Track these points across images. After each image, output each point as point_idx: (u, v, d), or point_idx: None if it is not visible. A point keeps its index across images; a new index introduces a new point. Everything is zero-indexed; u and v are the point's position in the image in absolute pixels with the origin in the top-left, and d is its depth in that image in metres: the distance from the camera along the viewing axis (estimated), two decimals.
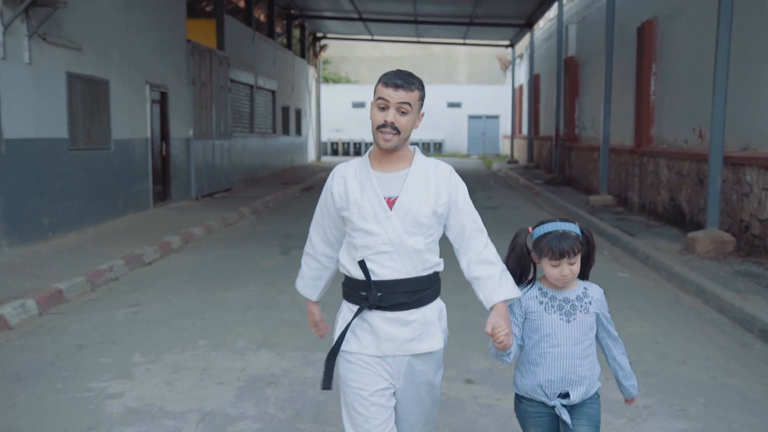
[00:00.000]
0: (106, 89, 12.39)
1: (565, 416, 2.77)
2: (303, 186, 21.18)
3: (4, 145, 9.38)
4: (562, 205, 16.02)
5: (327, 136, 42.82)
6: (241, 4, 23.04)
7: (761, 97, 9.41)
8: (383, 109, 2.74)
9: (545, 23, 27.64)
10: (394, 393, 2.85)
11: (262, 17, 25.84)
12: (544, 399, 2.82)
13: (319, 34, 36.44)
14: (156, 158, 14.83)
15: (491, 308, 2.79)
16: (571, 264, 2.76)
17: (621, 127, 15.85)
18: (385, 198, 2.77)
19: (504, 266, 2.85)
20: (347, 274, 2.87)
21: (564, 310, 2.81)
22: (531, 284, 2.90)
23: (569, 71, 21.73)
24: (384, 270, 2.75)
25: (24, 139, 9.84)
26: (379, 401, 2.77)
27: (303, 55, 32.86)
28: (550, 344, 2.79)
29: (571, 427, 2.80)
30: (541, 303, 2.83)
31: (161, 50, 14.96)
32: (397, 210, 2.75)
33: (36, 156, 10.15)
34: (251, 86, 22.67)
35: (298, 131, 30.95)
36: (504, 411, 4.47)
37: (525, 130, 33.04)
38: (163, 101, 15.12)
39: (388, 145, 2.73)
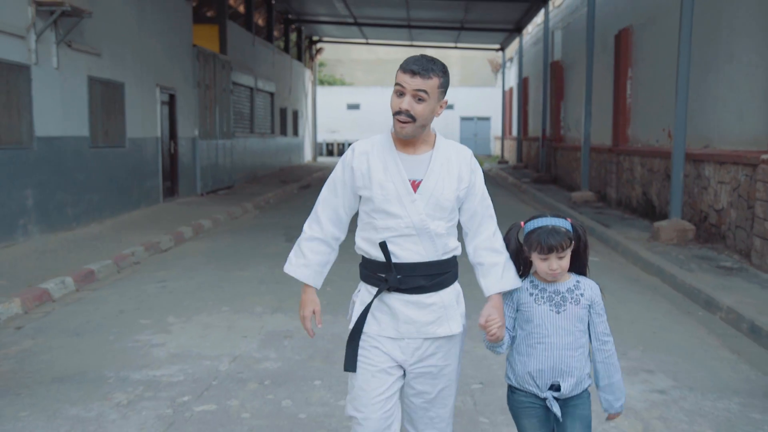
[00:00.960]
0: (122, 91, 13.40)
1: (556, 408, 2.80)
2: (301, 184, 22.20)
3: (35, 142, 10.39)
4: (546, 201, 17.08)
5: (322, 137, 43.90)
6: (241, 9, 24.07)
7: (719, 101, 10.46)
8: (400, 95, 2.70)
9: (533, 28, 28.71)
10: (409, 382, 2.88)
11: (260, 21, 26.89)
12: (535, 390, 2.85)
13: (315, 38, 37.53)
14: (165, 156, 15.85)
15: (487, 298, 2.85)
16: (560, 258, 2.79)
17: (601, 128, 16.93)
18: (410, 180, 2.75)
19: (509, 256, 2.90)
20: (365, 255, 2.85)
21: (554, 302, 2.84)
22: (524, 277, 2.94)
23: (555, 75, 22.80)
24: (405, 252, 2.75)
25: (52, 137, 10.85)
26: (384, 377, 2.79)
27: (300, 58, 33.91)
28: (540, 335, 2.83)
29: (562, 423, 2.84)
30: (531, 294, 2.87)
31: (170, 54, 15.98)
32: (422, 193, 2.74)
33: (62, 153, 11.16)
34: (251, 88, 23.70)
35: (295, 132, 31.99)
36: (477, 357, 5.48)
37: (515, 132, 34.13)
38: (171, 103, 16.14)
39: (403, 132, 2.70)
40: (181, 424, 4.26)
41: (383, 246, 2.74)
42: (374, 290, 2.80)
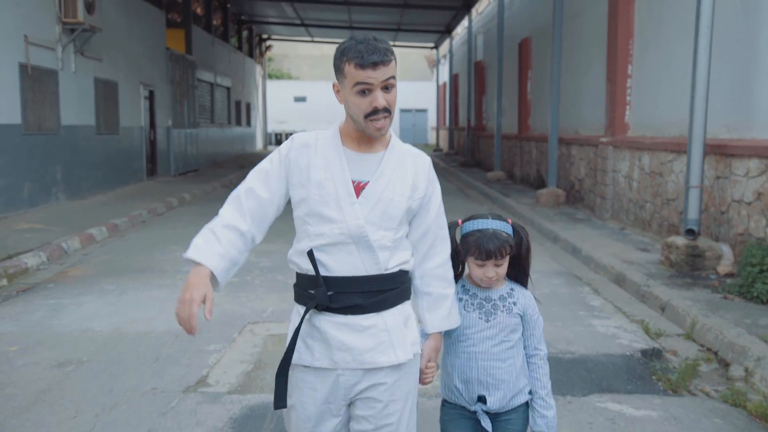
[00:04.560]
0: (116, 89, 16.42)
1: (485, 423, 2.62)
2: None
3: (62, 130, 13.43)
4: (466, 180, 20.60)
5: (272, 127, 47.03)
6: (199, 11, 27.03)
7: (583, 99, 13.99)
8: (367, 92, 2.26)
9: (462, 30, 32.21)
10: (349, 415, 2.45)
11: (217, 21, 29.87)
12: (464, 402, 2.68)
13: (265, 36, 40.57)
14: (146, 143, 18.88)
15: (428, 335, 2.56)
16: (497, 266, 2.60)
17: (510, 119, 20.50)
18: (354, 182, 2.34)
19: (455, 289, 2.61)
20: (297, 270, 2.43)
21: (484, 309, 2.65)
22: (458, 280, 2.70)
23: (478, 73, 26.36)
24: (338, 264, 2.33)
25: (72, 126, 13.89)
26: (328, 426, 2.41)
27: (251, 55, 36.93)
28: (467, 343, 2.64)
29: None
30: (461, 300, 2.67)
31: (149, 57, 19.00)
32: (366, 197, 2.33)
33: (78, 138, 14.20)
34: (212, 84, 26.75)
35: (248, 123, 35.08)
36: None
37: (448, 122, 37.70)
38: (151, 98, 19.18)
39: (382, 132, 2.31)
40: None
41: (310, 255, 2.33)
42: (303, 310, 2.37)
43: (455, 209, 6.94)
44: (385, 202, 2.34)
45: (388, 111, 2.29)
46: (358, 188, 2.34)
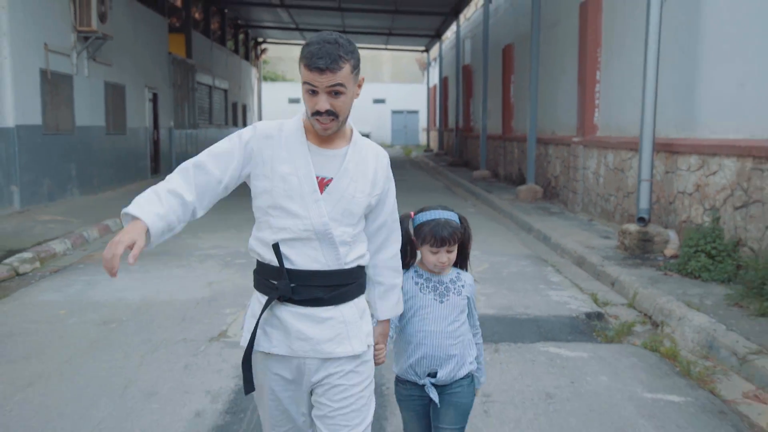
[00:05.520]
0: (123, 92, 17.48)
1: (434, 395, 2.84)
2: None
3: (76, 130, 14.49)
4: (454, 178, 21.71)
5: None
6: (197, 16, 28.05)
7: (559, 101, 15.10)
8: (313, 93, 2.29)
9: (451, 34, 33.31)
10: (311, 403, 2.56)
11: (214, 25, 30.92)
12: (415, 378, 2.89)
13: (260, 39, 41.66)
14: (150, 142, 19.94)
15: (378, 321, 2.69)
16: (449, 252, 2.82)
17: (495, 121, 21.62)
18: (318, 177, 2.39)
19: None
20: (258, 258, 2.49)
21: (438, 291, 2.87)
22: (408, 268, 2.91)
23: (465, 76, 27.48)
24: (301, 258, 2.40)
25: (85, 126, 14.94)
26: (290, 411, 2.57)
27: (247, 58, 38.02)
28: (423, 323, 2.85)
29: (437, 409, 2.89)
30: (417, 284, 2.88)
31: (154, 61, 20.06)
32: (330, 193, 2.39)
33: (90, 138, 15.25)
34: (210, 86, 27.83)
35: (244, 123, 36.17)
36: None
37: (438, 124, 38.81)
38: (155, 100, 20.24)
39: (328, 132, 2.35)
40: (230, 266, 8.60)
41: (275, 248, 2.38)
42: (264, 299, 2.46)
43: (440, 206, 7.97)
44: (347, 199, 2.41)
45: (333, 114, 2.31)
46: (322, 184, 2.40)
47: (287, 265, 2.40)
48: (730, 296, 6.51)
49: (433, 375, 2.86)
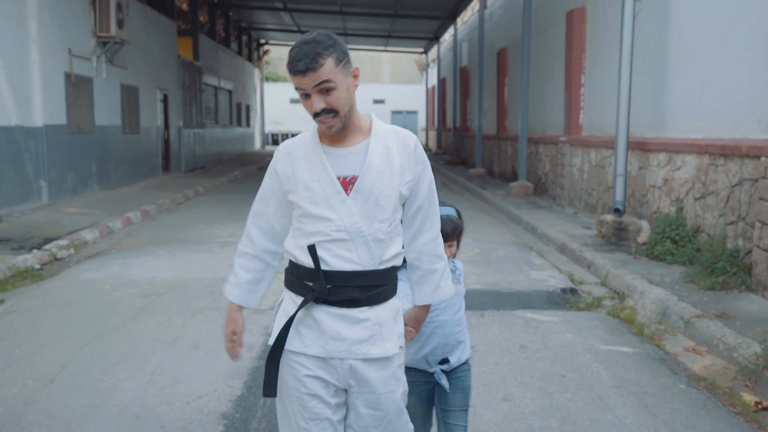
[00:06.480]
0: (137, 93, 18.46)
1: (444, 382, 2.92)
2: (258, 166, 27.50)
3: (96, 129, 15.48)
4: (451, 176, 22.70)
5: (269, 128, 49.21)
6: (203, 18, 29.07)
7: (548, 103, 16.08)
8: (306, 96, 2.31)
9: (449, 37, 34.28)
10: (346, 406, 2.52)
11: (220, 28, 31.92)
12: (426, 367, 2.95)
13: (263, 41, 42.66)
14: (161, 141, 20.93)
15: (414, 305, 2.67)
16: (450, 246, 2.92)
17: (490, 121, 22.62)
18: (340, 178, 2.37)
19: (446, 261, 2.66)
20: (293, 259, 2.48)
21: None
22: None
23: (462, 78, 28.47)
24: (336, 260, 2.38)
25: (103, 126, 15.93)
26: (324, 413, 2.45)
27: (250, 59, 39.02)
28: (434, 313, 2.88)
29: (446, 394, 3.00)
30: None
31: (164, 64, 21.05)
32: (358, 192, 2.36)
33: (108, 136, 16.25)
34: (216, 87, 28.83)
35: (248, 123, 37.20)
36: None
37: (436, 124, 39.80)
38: (165, 101, 21.23)
39: (333, 130, 2.33)
40: None
41: (311, 250, 2.37)
42: (299, 300, 2.43)
43: (439, 201, 8.91)
44: (375, 194, 2.37)
45: (331, 111, 2.30)
46: (346, 184, 2.37)
47: (323, 267, 2.39)
48: (687, 274, 7.50)
49: (443, 362, 2.96)
